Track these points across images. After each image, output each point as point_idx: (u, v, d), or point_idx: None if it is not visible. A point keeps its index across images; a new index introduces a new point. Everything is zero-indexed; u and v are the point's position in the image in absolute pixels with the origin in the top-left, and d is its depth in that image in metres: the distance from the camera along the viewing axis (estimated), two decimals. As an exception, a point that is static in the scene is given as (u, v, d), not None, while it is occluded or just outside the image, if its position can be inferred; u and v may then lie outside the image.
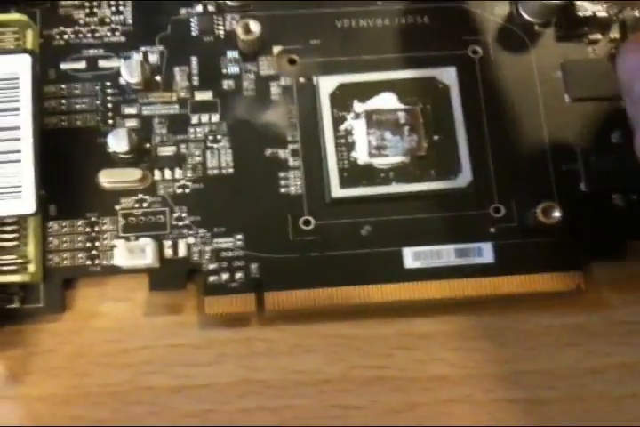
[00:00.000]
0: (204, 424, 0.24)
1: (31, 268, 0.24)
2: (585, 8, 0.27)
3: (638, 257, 0.26)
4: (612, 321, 0.26)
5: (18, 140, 0.23)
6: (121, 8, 0.27)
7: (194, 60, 0.27)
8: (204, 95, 0.27)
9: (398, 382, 0.25)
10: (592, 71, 0.27)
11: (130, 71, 0.26)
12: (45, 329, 0.25)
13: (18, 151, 0.23)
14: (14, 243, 0.24)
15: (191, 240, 0.25)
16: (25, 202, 0.23)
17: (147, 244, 0.25)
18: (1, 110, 0.24)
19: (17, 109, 0.24)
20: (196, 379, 0.25)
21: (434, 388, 0.25)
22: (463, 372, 0.25)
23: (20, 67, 0.24)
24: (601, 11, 0.27)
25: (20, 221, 0.24)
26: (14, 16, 0.26)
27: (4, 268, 0.24)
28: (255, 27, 0.26)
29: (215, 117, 0.26)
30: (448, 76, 0.27)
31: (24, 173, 0.23)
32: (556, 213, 0.24)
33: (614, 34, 0.28)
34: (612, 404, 0.25)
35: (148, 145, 0.26)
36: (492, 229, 0.26)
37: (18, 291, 0.25)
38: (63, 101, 0.26)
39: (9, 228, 0.24)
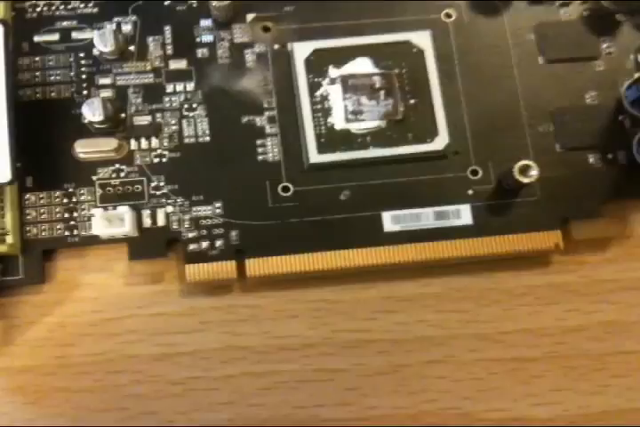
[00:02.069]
0: (189, 389, 0.24)
1: (9, 239, 0.24)
2: (556, -30, 0.27)
3: (615, 216, 0.26)
4: (591, 279, 0.26)
5: (-9, 109, 0.23)
6: (93, -21, 0.27)
7: (167, 29, 0.27)
8: (179, 64, 0.26)
9: (381, 345, 0.25)
10: (565, 33, 0.27)
11: (103, 41, 0.26)
12: (26, 301, 0.25)
13: (-8, 121, 0.23)
14: (-9, 214, 0.24)
15: (170, 209, 0.25)
16: (0, 171, 0.23)
17: (125, 212, 0.25)
18: (-27, 80, 0.23)
19: (-11, 79, 0.24)
20: (179, 347, 0.25)
21: (417, 349, 0.25)
22: (446, 333, 0.25)
23: (-8, 35, 0.24)
24: (572, -27, 0.27)
25: (-3, 192, 0.24)
26: (-16, -12, 0.26)
27: (-18, 239, 0.24)
28: (228, -7, 0.26)
29: (190, 86, 0.26)
30: (422, 39, 0.27)
31: (-1, 143, 0.23)
32: (534, 172, 0.25)
33: (586, -4, 0.28)
34: (594, 361, 0.25)
35: (123, 115, 0.26)
36: (470, 192, 0.26)
37: (-4, 263, 0.25)
38: (37, 74, 0.26)
39: (-15, 199, 0.24)
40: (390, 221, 0.26)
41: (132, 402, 0.25)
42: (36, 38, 0.27)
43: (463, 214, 0.26)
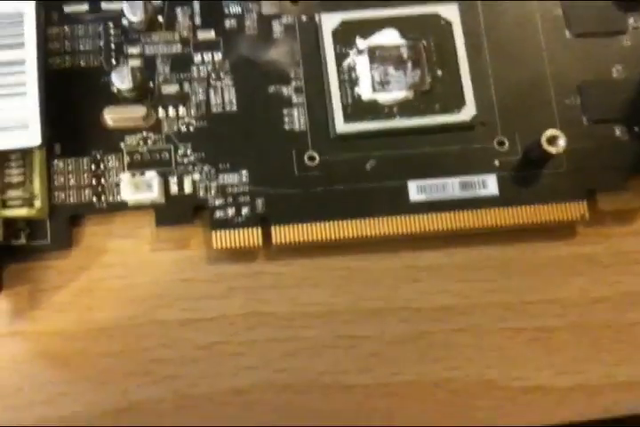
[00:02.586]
0: (214, 354, 0.25)
1: (37, 203, 0.24)
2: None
3: (638, 188, 0.26)
4: (616, 251, 0.26)
5: (23, 73, 0.24)
6: (121, -50, 0.27)
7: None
8: (207, 34, 0.27)
9: (405, 313, 0.25)
10: (592, 8, 0.28)
11: (133, 10, 0.26)
12: (52, 266, 0.25)
13: (23, 84, 0.23)
14: (20, 179, 0.24)
15: (196, 177, 0.26)
16: (31, 134, 0.23)
17: (152, 177, 0.25)
18: (7, 45, 0.24)
19: (22, 44, 0.24)
20: (205, 312, 0.25)
21: (440, 318, 0.25)
22: (469, 302, 0.25)
23: (25, 4, 0.24)
24: (599, -52, 0.27)
25: (26, 157, 0.24)
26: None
27: (11, 202, 0.24)
28: (256, -36, 0.26)
29: (218, 56, 0.27)
30: (450, 12, 0.27)
31: (29, 106, 0.23)
32: (561, 142, 0.25)
33: (613, -29, 0.28)
34: (618, 332, 0.25)
35: (151, 84, 0.26)
36: (496, 162, 0.26)
37: (24, 227, 0.25)
38: (66, 43, 0.26)
39: (15, 164, 0.24)
40: (416, 190, 0.26)
41: (157, 366, 0.25)
42: (66, 8, 0.27)
43: (489, 184, 0.26)
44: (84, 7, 0.27)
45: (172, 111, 0.26)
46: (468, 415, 0.25)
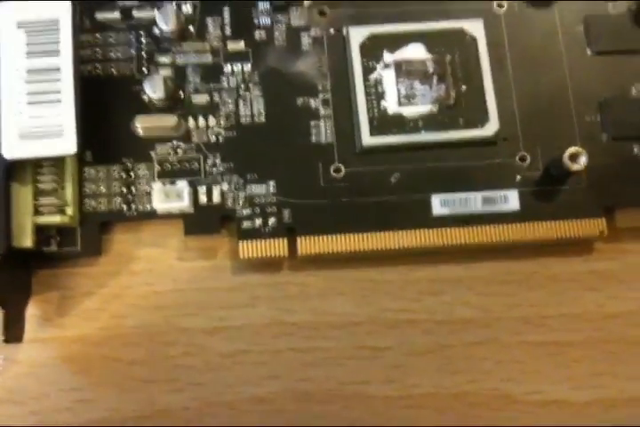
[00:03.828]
0: (237, 363, 0.25)
1: (69, 210, 0.25)
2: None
3: (659, 205, 0.27)
4: (633, 267, 0.27)
5: (58, 80, 0.24)
6: (153, -39, 0.28)
7: (226, 10, 0.27)
8: (237, 45, 0.27)
9: (426, 325, 0.26)
10: (613, 26, 0.28)
11: (165, 19, 0.26)
12: (81, 273, 0.26)
13: (58, 92, 0.24)
14: (53, 186, 0.25)
15: (225, 187, 0.26)
16: (66, 142, 0.24)
17: (184, 187, 0.25)
18: (43, 52, 0.24)
19: (57, 52, 0.24)
20: (229, 321, 0.26)
21: (461, 330, 0.26)
22: (490, 315, 0.26)
23: (60, 11, 0.24)
24: (622, -32, 0.28)
25: (58, 164, 0.25)
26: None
27: (43, 209, 0.24)
28: (288, -23, 0.26)
29: (247, 67, 0.27)
30: (475, 28, 0.27)
31: (65, 114, 0.24)
32: (583, 159, 0.25)
33: (635, -9, 0.28)
34: (634, 346, 0.26)
35: (181, 93, 0.26)
36: (518, 177, 0.26)
37: (55, 234, 0.25)
38: (98, 50, 0.27)
39: (47, 171, 0.25)
40: (439, 204, 0.26)
41: (182, 373, 0.25)
42: (98, 16, 0.27)
43: (511, 200, 0.26)
44: (117, 15, 0.27)
45: (201, 121, 0.26)
46: (486, 427, 0.25)
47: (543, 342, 0.26)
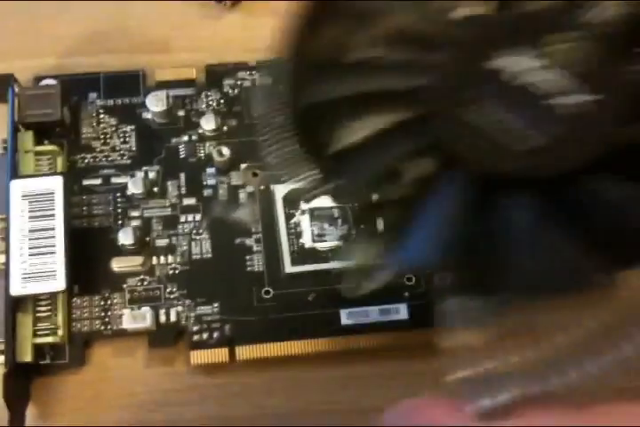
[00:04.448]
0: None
1: (60, 332, 0.32)
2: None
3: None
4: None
5: (53, 237, 0.32)
6: (127, 139, 0.37)
7: (182, 175, 0.36)
8: (190, 201, 0.36)
9: (345, 414, 0.33)
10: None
11: (135, 185, 0.35)
12: (69, 380, 0.33)
13: (53, 246, 0.32)
14: (48, 314, 0.33)
15: (180, 309, 0.34)
16: (58, 282, 0.32)
17: (147, 311, 0.33)
18: (42, 216, 0.33)
19: (53, 215, 0.33)
20: (184, 415, 0.32)
21: (368, 417, 0.33)
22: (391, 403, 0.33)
23: (55, 184, 0.33)
24: None
25: (53, 297, 0.33)
26: (48, 147, 0.35)
27: (40, 332, 0.32)
28: (226, 151, 0.35)
29: (198, 217, 0.35)
30: (369, 181, 0.36)
31: (58, 262, 0.32)
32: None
33: None
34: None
35: (147, 238, 0.35)
36: (406, 294, 0.34)
37: (48, 350, 0.32)
38: (84, 208, 0.35)
39: (44, 302, 0.33)
40: (346, 316, 0.34)
41: (148, 460, 0.32)
42: (84, 182, 0.36)
43: (401, 311, 0.34)
44: (98, 181, 0.36)
45: (162, 259, 0.35)
46: None
47: (433, 424, 0.33)
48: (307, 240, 0.35)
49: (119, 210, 0.35)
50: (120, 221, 0.35)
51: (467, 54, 0.21)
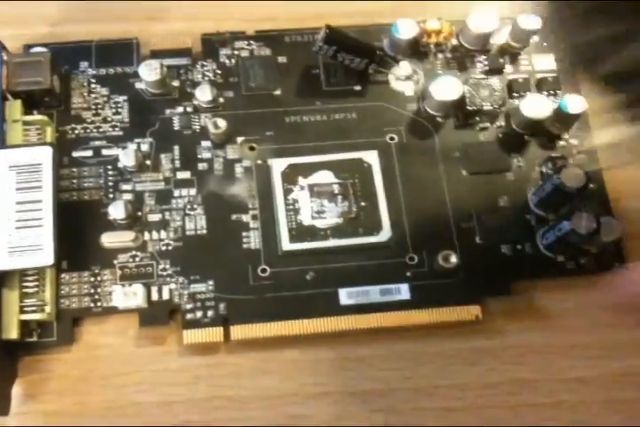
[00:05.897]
0: (182, 430, 0.31)
1: (47, 309, 0.31)
2: (474, 103, 0.35)
3: (521, 293, 0.33)
4: (504, 345, 0.33)
5: (40, 210, 0.31)
6: (119, 110, 0.35)
7: (176, 148, 0.35)
8: (184, 175, 0.34)
9: (338, 396, 0.32)
10: (484, 151, 0.36)
11: (127, 157, 0.34)
12: (57, 358, 0.32)
13: (40, 218, 0.31)
14: (35, 289, 0.31)
15: (173, 286, 0.32)
16: (46, 256, 0.30)
17: (138, 289, 0.32)
18: (29, 188, 0.31)
19: (40, 187, 0.31)
20: (175, 396, 0.31)
21: (365, 400, 0.32)
22: (388, 387, 0.32)
23: (43, 155, 0.32)
24: (487, 105, 0.36)
25: (40, 272, 0.31)
26: (37, 117, 0.34)
27: (27, 308, 0.31)
28: (222, 123, 0.34)
29: (192, 191, 0.34)
30: (371, 157, 0.35)
31: (45, 234, 0.31)
32: (453, 259, 0.32)
33: (500, 122, 0.36)
34: (509, 411, 0.32)
35: (139, 213, 0.34)
36: (408, 273, 0.33)
37: (36, 327, 0.31)
38: (74, 181, 0.34)
39: (31, 278, 0.31)
40: (346, 296, 0.33)
41: (137, 441, 0.31)
42: (74, 154, 0.35)
43: (402, 291, 0.33)
44: (89, 153, 0.35)
45: (155, 235, 0.33)
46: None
47: (433, 408, 0.32)
48: (305, 217, 0.34)
49: (110, 183, 0.34)
50: (111, 195, 0.34)
51: None
